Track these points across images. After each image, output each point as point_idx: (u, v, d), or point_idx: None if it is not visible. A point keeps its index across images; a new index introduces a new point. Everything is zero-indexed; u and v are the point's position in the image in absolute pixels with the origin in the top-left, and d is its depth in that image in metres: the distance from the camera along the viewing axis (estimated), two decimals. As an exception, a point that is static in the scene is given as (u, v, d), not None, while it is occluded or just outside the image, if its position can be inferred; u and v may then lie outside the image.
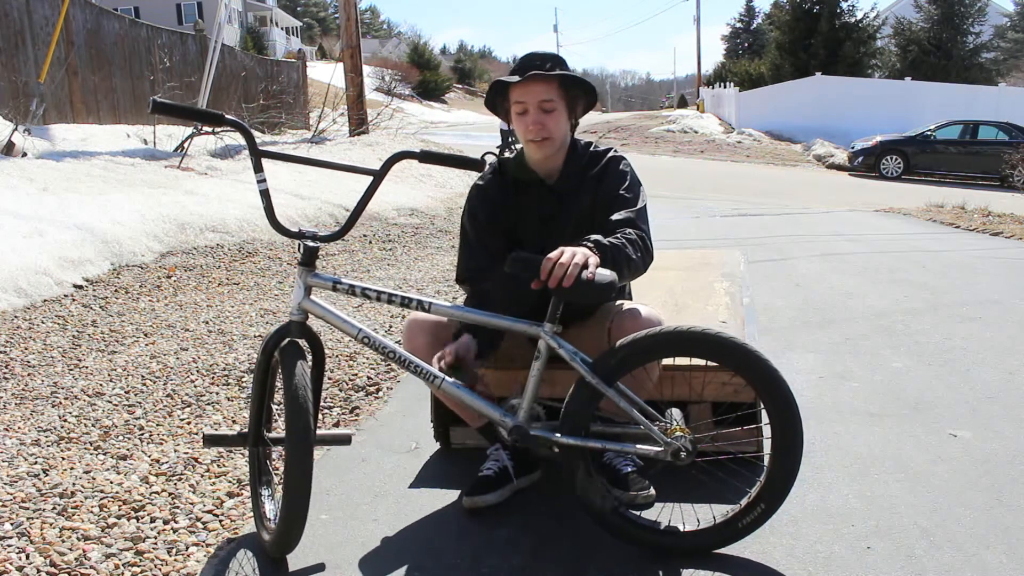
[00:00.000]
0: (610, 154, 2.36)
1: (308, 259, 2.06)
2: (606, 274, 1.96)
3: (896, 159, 18.05)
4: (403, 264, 6.09)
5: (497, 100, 2.33)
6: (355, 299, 4.65)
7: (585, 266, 1.93)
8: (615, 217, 2.21)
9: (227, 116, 2.06)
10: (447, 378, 2.08)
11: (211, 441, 2.17)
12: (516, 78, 2.21)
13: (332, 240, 2.11)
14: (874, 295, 5.12)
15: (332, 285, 2.07)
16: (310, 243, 2.05)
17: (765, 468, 2.05)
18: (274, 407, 2.28)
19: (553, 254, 1.94)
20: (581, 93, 2.29)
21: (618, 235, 2.14)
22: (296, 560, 2.04)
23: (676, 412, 2.04)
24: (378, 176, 2.11)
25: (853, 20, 29.78)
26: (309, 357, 2.06)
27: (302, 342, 2.05)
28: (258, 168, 2.05)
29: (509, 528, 2.21)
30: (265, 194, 2.04)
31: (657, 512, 2.16)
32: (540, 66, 2.21)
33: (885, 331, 4.22)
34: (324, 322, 2.10)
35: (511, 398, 2.28)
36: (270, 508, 2.12)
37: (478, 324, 2.12)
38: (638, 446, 2.03)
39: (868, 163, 18.35)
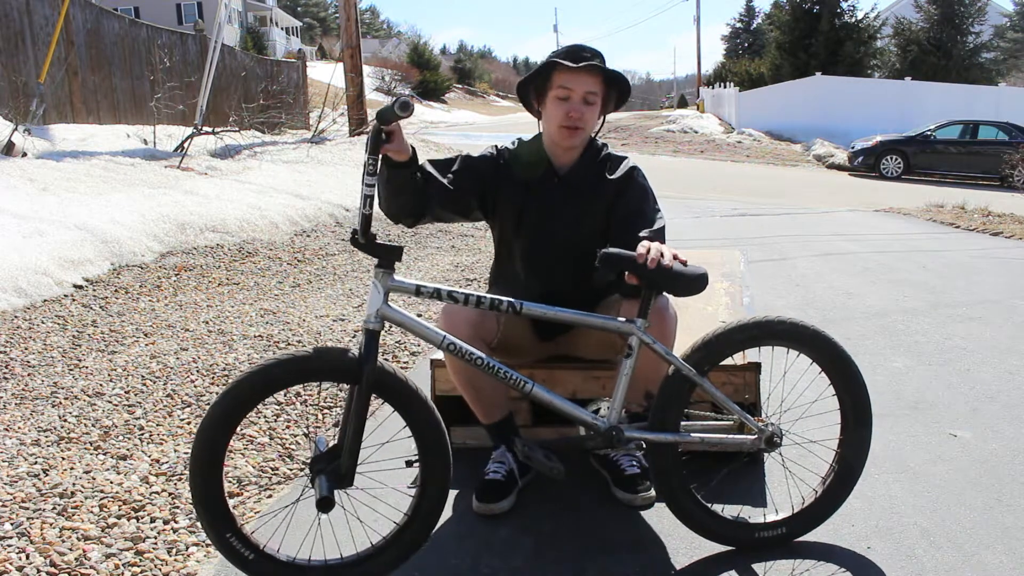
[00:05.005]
0: (630, 163, 2.38)
1: (388, 261, 1.88)
2: (698, 267, 1.97)
3: (896, 159, 18.04)
4: (403, 264, 6.09)
5: (538, 80, 2.31)
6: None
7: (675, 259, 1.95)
8: (642, 235, 2.19)
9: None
10: (536, 384, 2.02)
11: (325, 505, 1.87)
12: (571, 64, 2.21)
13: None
14: (874, 295, 5.12)
15: (415, 289, 1.93)
16: (392, 243, 1.89)
17: (823, 482, 2.08)
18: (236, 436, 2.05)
19: (647, 244, 1.95)
20: (616, 92, 2.32)
21: None
22: (296, 560, 2.03)
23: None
24: None
25: (853, 20, 29.73)
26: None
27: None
28: (372, 172, 1.87)
29: (509, 528, 2.21)
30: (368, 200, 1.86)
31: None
32: (590, 59, 2.23)
33: (885, 331, 4.22)
34: (403, 330, 1.97)
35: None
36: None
37: (569, 323, 2.13)
38: (731, 436, 2.05)
39: (868, 163, 18.33)
